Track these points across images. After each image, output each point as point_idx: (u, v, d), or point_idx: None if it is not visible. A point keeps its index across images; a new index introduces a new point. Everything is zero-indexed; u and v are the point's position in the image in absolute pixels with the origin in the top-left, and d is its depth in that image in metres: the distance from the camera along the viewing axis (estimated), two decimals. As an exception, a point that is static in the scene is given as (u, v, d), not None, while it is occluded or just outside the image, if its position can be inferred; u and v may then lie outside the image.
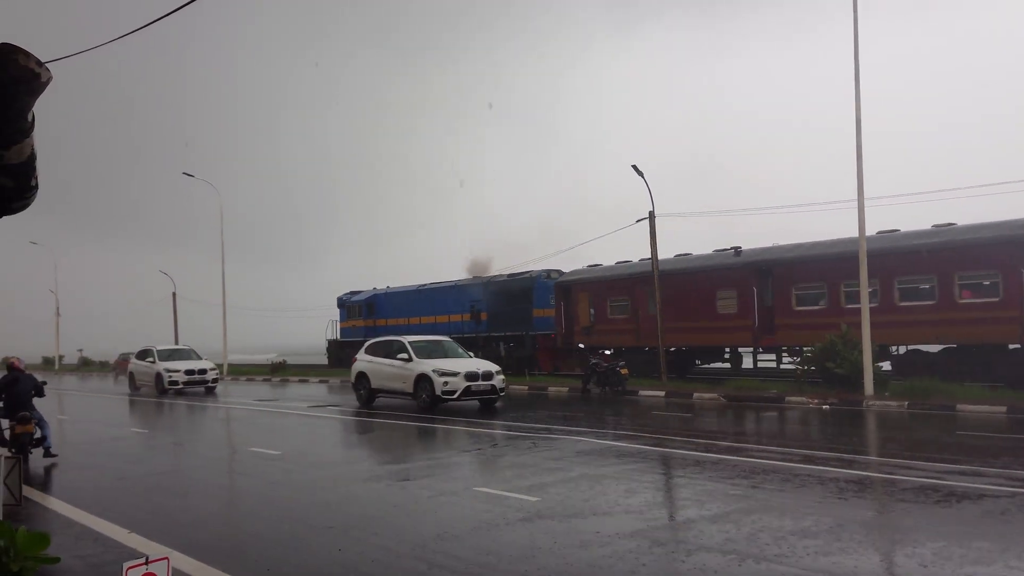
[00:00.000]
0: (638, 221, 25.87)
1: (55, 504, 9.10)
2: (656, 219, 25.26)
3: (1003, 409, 15.67)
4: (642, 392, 22.37)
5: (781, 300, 23.84)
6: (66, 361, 68.38)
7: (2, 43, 2.27)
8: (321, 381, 34.38)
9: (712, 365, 29.44)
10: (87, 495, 9.66)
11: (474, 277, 36.85)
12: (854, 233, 19.17)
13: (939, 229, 21.36)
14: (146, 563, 3.40)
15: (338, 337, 41.83)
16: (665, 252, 26.40)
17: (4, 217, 3.01)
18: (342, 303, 41.84)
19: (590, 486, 9.18)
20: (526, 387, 25.83)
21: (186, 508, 8.98)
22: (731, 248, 25.84)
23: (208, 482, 10.87)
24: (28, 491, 9.42)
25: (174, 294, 53.99)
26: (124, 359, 46.97)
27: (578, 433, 14.21)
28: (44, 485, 10.21)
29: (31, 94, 2.37)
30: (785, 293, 23.73)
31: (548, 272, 32.14)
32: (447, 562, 6.20)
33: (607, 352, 27.90)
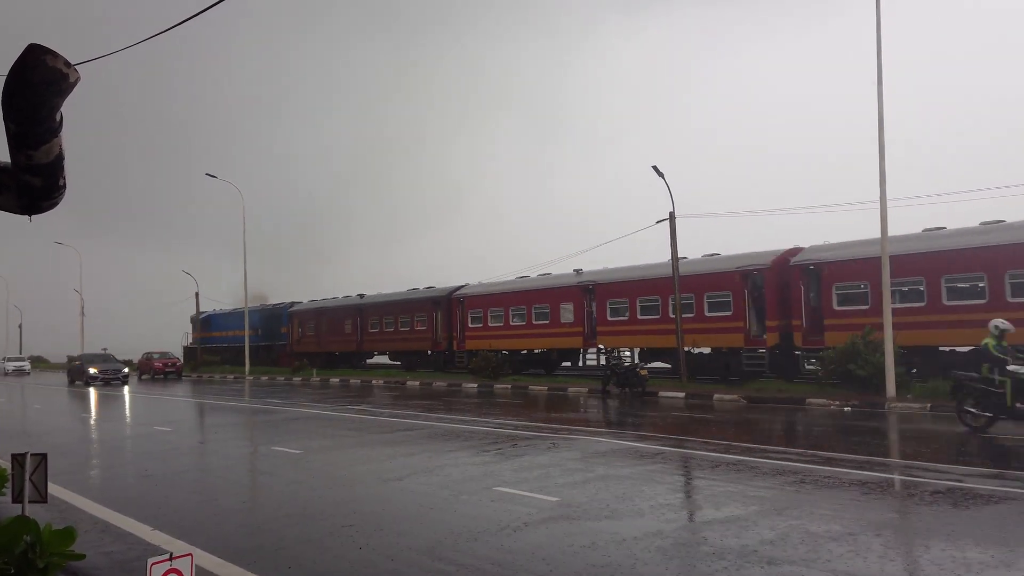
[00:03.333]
0: (659, 222, 25.79)
1: (80, 501, 9.20)
2: (676, 219, 25.16)
3: (1029, 412, 15.44)
4: (662, 393, 22.30)
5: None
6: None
7: (31, 44, 2.30)
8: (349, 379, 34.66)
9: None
10: (112, 492, 9.77)
11: (260, 305, 53.07)
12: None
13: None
14: (170, 559, 3.43)
15: (190, 344, 57.03)
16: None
17: (30, 218, 3.05)
18: (192, 320, 56.93)
19: (610, 487, 9.15)
20: (545, 387, 25.84)
21: (208, 505, 9.05)
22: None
23: (230, 480, 10.96)
24: (53, 488, 9.54)
25: (197, 294, 54.49)
26: (148, 358, 47.58)
27: (597, 434, 14.18)
28: (69, 482, 10.33)
29: (60, 95, 2.40)
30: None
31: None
32: (467, 561, 6.21)
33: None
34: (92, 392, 34.21)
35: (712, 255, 27.54)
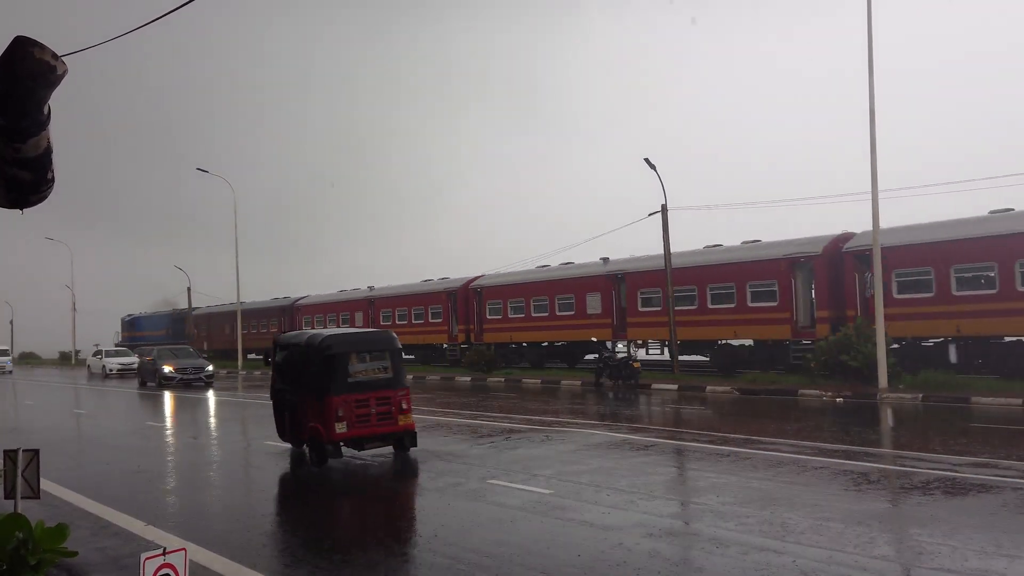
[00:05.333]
0: (651, 215, 25.78)
1: (73, 497, 9.18)
2: (668, 212, 25.17)
3: (1019, 402, 15.54)
4: (655, 385, 22.34)
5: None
6: (82, 356, 68.86)
7: (18, 37, 2.28)
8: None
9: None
10: (105, 488, 9.74)
11: (172, 310, 61.41)
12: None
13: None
14: (163, 554, 3.42)
15: (119, 344, 57.86)
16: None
17: (22, 211, 3.02)
18: (122, 322, 63.74)
19: (604, 479, 9.17)
20: (539, 380, 25.86)
21: (200, 500, 9.04)
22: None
23: (222, 475, 10.94)
24: (46, 484, 9.50)
25: (189, 289, 54.31)
26: (141, 355, 47.49)
27: (591, 426, 14.21)
28: (62, 478, 10.29)
29: (47, 87, 2.38)
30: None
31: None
32: (460, 554, 6.22)
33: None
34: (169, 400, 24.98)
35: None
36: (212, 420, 19.01)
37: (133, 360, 40.36)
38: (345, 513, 8.61)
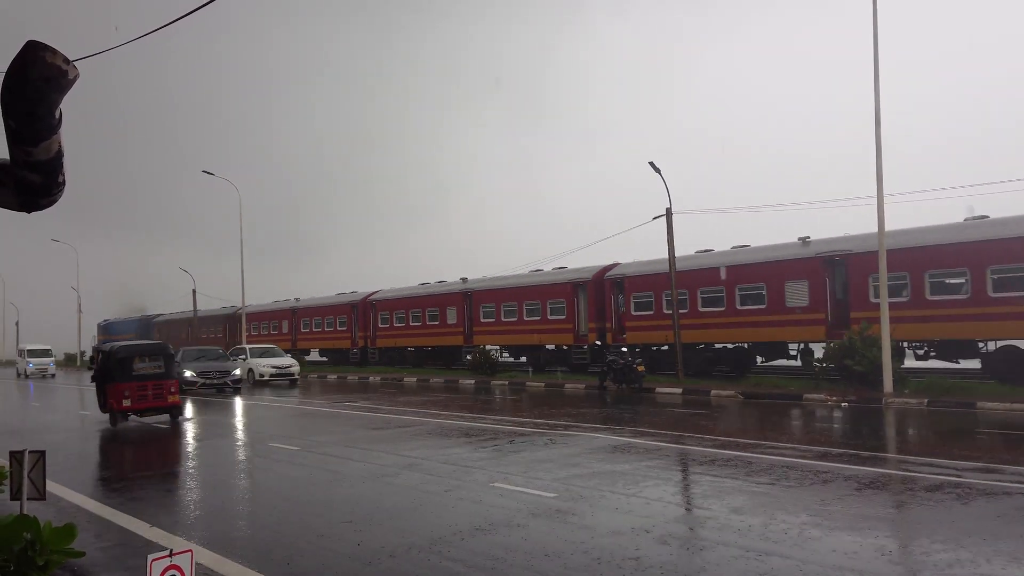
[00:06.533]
0: (655, 218, 25.77)
1: (78, 498, 9.20)
2: (673, 215, 25.15)
3: (1023, 407, 15.51)
4: (659, 389, 22.32)
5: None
6: (88, 356, 69.02)
7: (30, 41, 2.29)
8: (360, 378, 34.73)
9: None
10: (112, 490, 9.77)
11: (141, 316, 68.61)
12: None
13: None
14: (170, 556, 3.44)
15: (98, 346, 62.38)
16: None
17: (30, 214, 3.04)
18: (98, 326, 71.24)
19: (607, 482, 9.17)
20: (542, 384, 25.86)
21: (207, 501, 9.05)
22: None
23: (229, 475, 10.96)
24: (51, 485, 9.53)
25: (194, 291, 54.43)
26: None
27: (595, 430, 14.20)
28: (67, 480, 10.32)
29: (59, 91, 2.39)
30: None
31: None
32: (467, 557, 6.22)
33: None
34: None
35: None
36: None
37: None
38: (345, 515, 8.62)
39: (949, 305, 20.02)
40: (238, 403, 23.52)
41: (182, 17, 6.77)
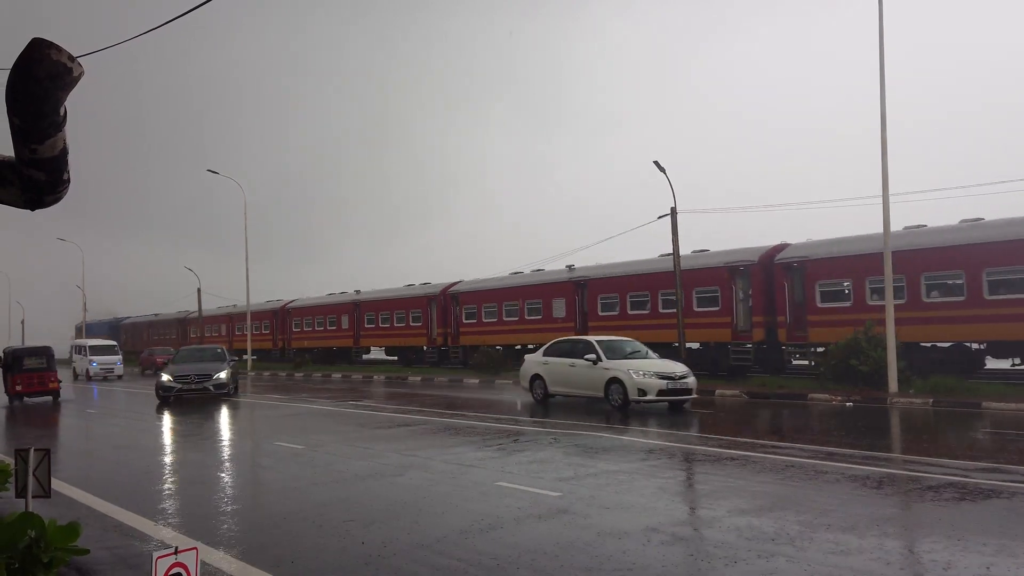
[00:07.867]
0: (660, 217, 25.72)
1: (83, 496, 9.22)
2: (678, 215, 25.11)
3: (1031, 407, 15.45)
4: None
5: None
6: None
7: (35, 39, 2.29)
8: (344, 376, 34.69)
9: None
10: (115, 487, 9.79)
11: (112, 318, 77.19)
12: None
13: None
14: (175, 553, 3.44)
15: None
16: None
17: (35, 212, 3.04)
18: (76, 328, 72.57)
19: (612, 482, 9.16)
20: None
21: (210, 500, 9.06)
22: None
23: (233, 474, 10.98)
24: (56, 483, 9.56)
25: (199, 290, 54.48)
26: (151, 355, 47.80)
27: (599, 429, 14.18)
28: (71, 477, 10.34)
29: (64, 89, 2.39)
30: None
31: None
32: (470, 556, 6.22)
33: None
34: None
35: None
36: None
37: None
38: (349, 514, 8.62)
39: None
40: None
41: (185, 13, 6.78)
